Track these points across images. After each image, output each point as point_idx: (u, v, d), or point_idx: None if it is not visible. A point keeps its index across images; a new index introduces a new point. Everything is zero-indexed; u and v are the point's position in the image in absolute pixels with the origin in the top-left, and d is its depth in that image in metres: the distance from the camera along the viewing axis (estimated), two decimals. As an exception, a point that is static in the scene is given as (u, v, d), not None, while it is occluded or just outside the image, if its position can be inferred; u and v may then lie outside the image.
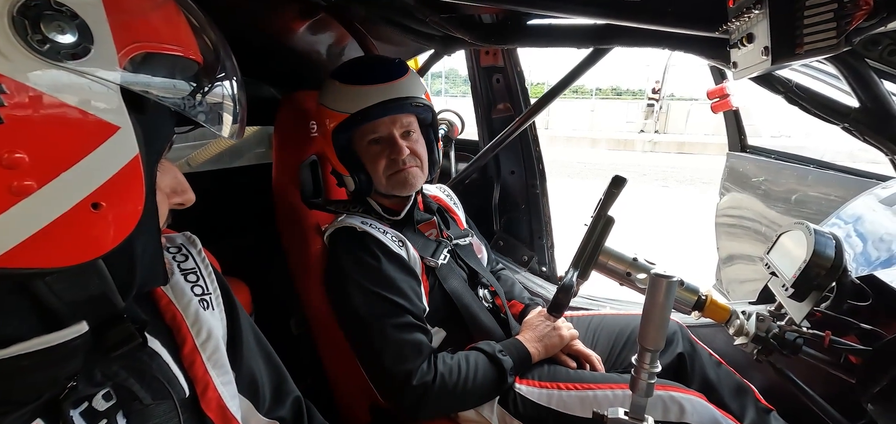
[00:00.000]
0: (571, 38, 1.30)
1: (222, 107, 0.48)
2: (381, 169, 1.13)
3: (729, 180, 2.46)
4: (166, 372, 0.53)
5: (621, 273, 1.03)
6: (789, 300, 0.89)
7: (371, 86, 1.08)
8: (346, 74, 1.12)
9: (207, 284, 0.61)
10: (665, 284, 0.73)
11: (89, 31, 0.36)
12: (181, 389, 0.54)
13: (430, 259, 1.16)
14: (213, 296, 0.61)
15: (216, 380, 0.56)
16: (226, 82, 0.49)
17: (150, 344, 0.53)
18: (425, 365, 1.01)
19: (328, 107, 1.11)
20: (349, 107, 1.08)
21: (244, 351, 0.63)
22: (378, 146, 1.12)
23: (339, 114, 1.09)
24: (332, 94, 1.12)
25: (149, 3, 0.43)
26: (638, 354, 0.79)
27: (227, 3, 1.04)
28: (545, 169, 1.90)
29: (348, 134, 1.11)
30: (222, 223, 1.40)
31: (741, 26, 0.73)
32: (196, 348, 0.56)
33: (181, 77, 0.43)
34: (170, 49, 0.43)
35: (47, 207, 0.35)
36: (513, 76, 1.78)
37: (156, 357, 0.53)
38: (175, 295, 0.58)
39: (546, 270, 1.92)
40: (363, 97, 1.08)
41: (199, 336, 0.57)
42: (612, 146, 12.84)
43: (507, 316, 1.26)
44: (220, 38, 0.50)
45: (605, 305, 1.65)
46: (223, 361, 0.58)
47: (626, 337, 1.30)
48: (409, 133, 1.14)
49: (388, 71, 1.11)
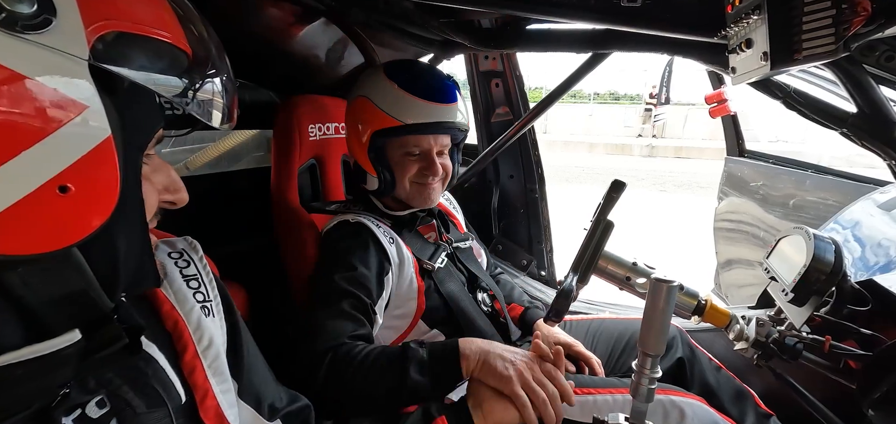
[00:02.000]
0: (570, 43, 1.31)
1: (212, 103, 0.47)
2: (410, 178, 1.13)
3: (727, 185, 2.47)
4: (162, 379, 0.52)
5: (621, 277, 1.03)
6: (789, 305, 0.89)
7: (431, 104, 1.08)
8: (407, 81, 1.10)
9: (208, 291, 0.61)
10: (666, 289, 0.73)
11: (51, 3, 0.35)
12: (177, 396, 0.53)
13: (428, 261, 1.15)
14: (213, 303, 0.61)
15: (215, 388, 0.56)
16: (216, 77, 0.47)
17: (147, 349, 0.52)
18: (342, 344, 0.89)
19: (378, 106, 1.09)
20: (403, 116, 1.07)
21: (246, 358, 0.63)
22: (413, 157, 1.12)
23: (390, 118, 1.07)
24: (387, 96, 1.09)
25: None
26: (638, 359, 0.78)
27: (226, 7, 1.04)
28: (544, 173, 1.90)
29: (389, 138, 1.10)
30: (220, 226, 1.40)
31: (740, 32, 0.73)
32: (197, 355, 0.55)
33: (165, 64, 0.42)
34: (149, 32, 0.41)
35: (9, 187, 0.34)
36: (512, 81, 1.79)
37: (152, 363, 0.52)
38: (177, 302, 0.57)
39: (545, 274, 1.92)
40: (420, 111, 1.07)
41: (200, 343, 0.56)
42: (610, 150, 12.88)
43: (506, 320, 1.26)
44: (210, 31, 0.49)
45: (605, 309, 1.65)
46: (223, 369, 0.58)
47: (626, 341, 1.30)
48: (443, 150, 1.15)
49: (446, 91, 1.11)
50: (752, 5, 0.67)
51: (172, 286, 0.58)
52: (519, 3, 1.00)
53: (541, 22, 1.33)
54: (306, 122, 1.29)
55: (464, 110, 1.16)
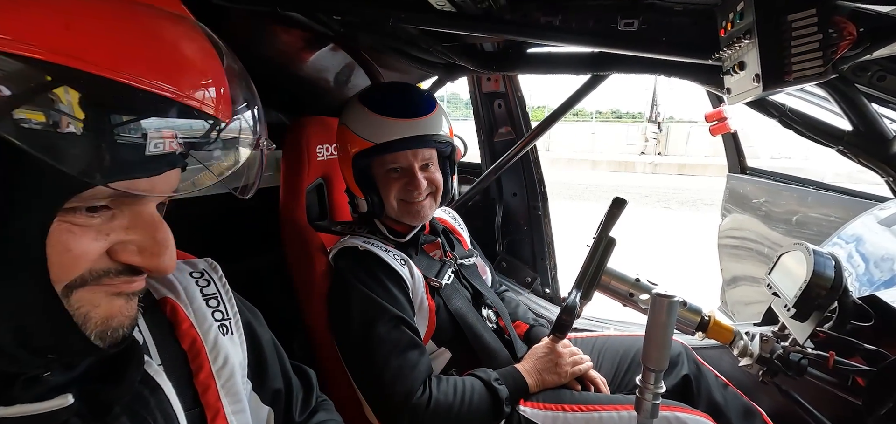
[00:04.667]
0: (570, 66, 1.34)
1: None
2: (395, 197, 1.14)
3: (730, 202, 2.48)
4: (165, 409, 0.51)
5: (624, 293, 1.04)
6: (792, 320, 0.90)
7: (399, 121, 1.10)
8: (376, 102, 1.13)
9: (227, 309, 0.61)
10: (667, 304, 0.74)
11: None
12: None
13: (435, 279, 1.17)
14: (232, 321, 0.61)
15: (227, 408, 0.56)
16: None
17: (155, 377, 0.51)
18: (421, 388, 1.01)
19: (353, 131, 1.13)
20: (375, 137, 1.09)
21: (269, 371, 0.64)
22: (396, 174, 1.14)
23: (363, 140, 1.10)
24: (359, 120, 1.13)
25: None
26: (642, 375, 0.79)
27: (239, 33, 1.08)
28: (547, 190, 1.92)
29: (369, 159, 1.13)
30: (231, 243, 1.42)
31: (733, 54, 0.76)
32: (212, 374, 0.56)
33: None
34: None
35: None
36: (514, 101, 1.83)
37: (157, 392, 0.51)
38: (196, 320, 0.58)
39: (549, 291, 1.93)
40: (390, 129, 1.09)
41: (216, 362, 0.57)
42: (613, 168, 12.92)
43: (512, 337, 1.26)
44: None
45: (609, 326, 1.65)
46: (236, 389, 0.58)
47: (631, 358, 1.30)
48: (428, 164, 1.16)
49: (418, 106, 1.13)
50: (744, 29, 0.70)
51: (192, 304, 0.59)
52: (519, 28, 1.03)
53: (541, 46, 1.37)
54: (314, 143, 1.32)
55: (445, 123, 1.17)
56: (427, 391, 1.01)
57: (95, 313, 0.41)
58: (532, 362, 1.15)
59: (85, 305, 0.40)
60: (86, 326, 0.41)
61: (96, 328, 0.41)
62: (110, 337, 0.42)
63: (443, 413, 1.00)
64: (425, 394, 1.00)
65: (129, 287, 0.44)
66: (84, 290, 0.40)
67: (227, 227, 1.43)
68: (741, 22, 0.70)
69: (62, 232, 0.38)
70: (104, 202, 0.40)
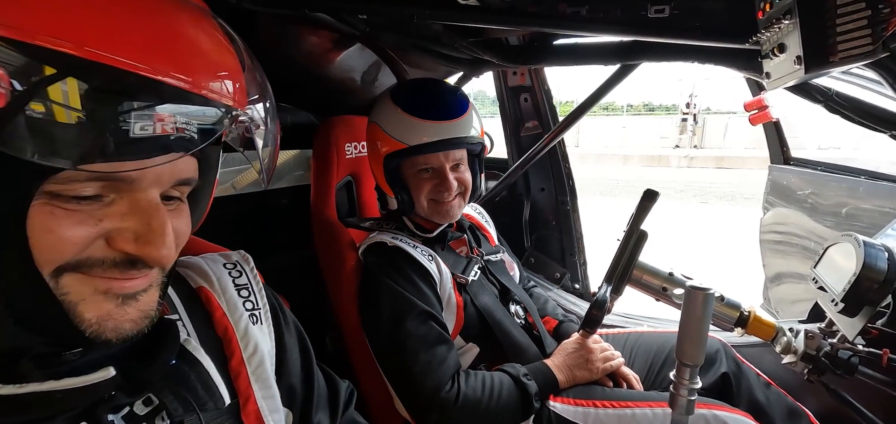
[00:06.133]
0: (598, 56, 1.32)
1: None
2: (426, 197, 1.15)
3: (772, 195, 2.36)
4: (206, 381, 0.53)
5: (657, 288, 1.01)
6: (840, 315, 0.85)
7: (433, 122, 1.10)
8: (409, 103, 1.12)
9: (258, 300, 0.63)
10: (701, 296, 0.72)
11: None
12: (221, 398, 0.54)
13: (461, 275, 1.17)
14: (262, 312, 0.63)
15: (258, 394, 0.57)
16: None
17: (195, 353, 0.54)
18: (449, 382, 1.01)
19: (385, 131, 1.13)
20: (408, 139, 1.10)
21: (288, 366, 0.65)
22: (427, 174, 1.14)
23: (395, 141, 1.11)
24: (391, 120, 1.13)
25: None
26: (676, 370, 0.77)
27: (269, 37, 1.12)
28: (575, 185, 1.89)
29: (400, 160, 1.13)
30: (264, 241, 1.48)
31: (772, 37, 0.72)
32: (243, 361, 0.58)
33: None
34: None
35: None
36: (540, 95, 1.81)
37: (197, 366, 0.53)
38: (228, 309, 0.60)
39: (579, 287, 1.89)
40: (423, 131, 1.09)
41: (246, 349, 0.58)
42: (646, 162, 12.53)
43: (541, 333, 1.25)
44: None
45: (643, 322, 1.61)
46: (266, 375, 0.59)
47: (665, 355, 1.26)
48: (458, 164, 1.16)
49: (451, 108, 1.12)
50: (783, 9, 0.66)
51: (225, 294, 0.61)
52: (544, 20, 1.02)
53: (568, 37, 1.35)
54: (343, 142, 1.35)
55: (477, 122, 1.17)
56: (455, 385, 1.01)
57: (85, 309, 0.40)
58: (562, 357, 1.14)
59: (72, 293, 0.39)
60: (77, 319, 0.40)
61: (90, 327, 0.41)
62: (107, 339, 0.42)
63: (471, 407, 1.00)
64: (454, 389, 1.01)
65: (122, 286, 0.42)
66: (72, 277, 0.39)
67: (263, 225, 1.49)
68: (780, 2, 0.67)
69: (44, 215, 0.37)
70: (91, 191, 0.38)
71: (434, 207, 1.16)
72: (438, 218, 1.19)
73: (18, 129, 0.32)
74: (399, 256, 1.11)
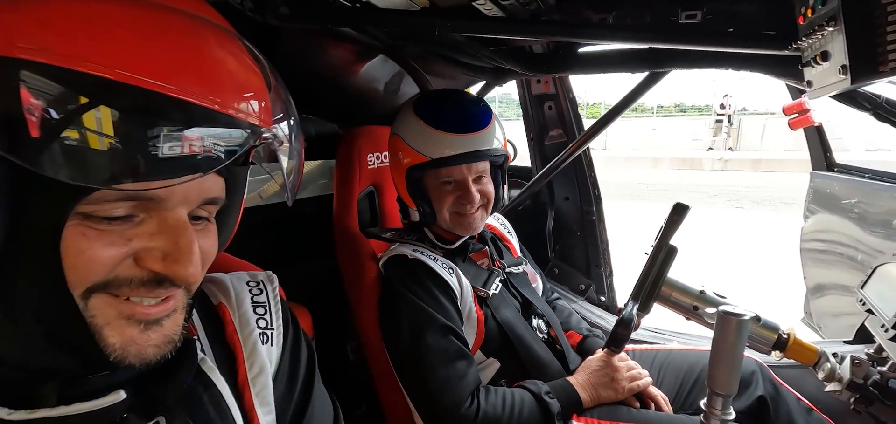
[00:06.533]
0: (625, 64, 1.28)
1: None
2: (448, 209, 1.14)
3: (814, 202, 2.22)
4: (218, 403, 0.53)
5: (687, 306, 0.97)
6: (891, 343, 0.78)
7: (455, 135, 1.09)
8: (431, 115, 1.12)
9: (273, 319, 0.62)
10: (736, 323, 0.68)
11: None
12: (233, 422, 0.53)
13: (482, 289, 1.16)
14: (274, 332, 0.61)
15: (260, 416, 0.57)
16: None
17: (209, 373, 0.53)
18: (469, 399, 0.99)
19: (407, 144, 1.13)
20: (431, 152, 1.09)
21: (295, 395, 0.63)
22: (449, 187, 1.13)
23: (418, 154, 1.11)
24: (414, 132, 1.12)
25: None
26: (707, 398, 0.73)
27: (294, 50, 1.13)
28: (601, 194, 1.84)
29: (422, 172, 1.13)
30: (289, 250, 1.50)
31: (814, 44, 0.68)
32: (247, 381, 0.57)
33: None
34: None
35: None
36: (565, 102, 1.77)
37: (211, 387, 0.52)
38: (240, 325, 0.59)
39: (605, 300, 1.84)
40: (445, 144, 1.09)
41: (252, 369, 0.57)
42: (677, 165, 12.13)
43: (564, 348, 1.22)
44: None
45: (672, 339, 1.54)
46: (269, 399, 0.58)
47: (697, 374, 1.21)
48: (481, 176, 1.15)
49: (474, 120, 1.12)
50: (827, 15, 0.62)
51: (239, 309, 0.60)
52: (569, 28, 1.00)
53: (593, 45, 1.31)
54: (365, 152, 1.36)
55: (499, 133, 1.16)
56: (475, 402, 1.00)
57: (110, 333, 0.41)
58: (586, 375, 1.11)
59: (98, 316, 0.40)
60: (103, 343, 0.41)
61: (114, 352, 0.41)
62: (130, 363, 0.42)
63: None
64: (473, 405, 0.99)
65: (146, 312, 0.42)
66: (99, 299, 0.40)
67: (287, 234, 1.51)
68: (823, 8, 0.62)
69: (77, 236, 0.38)
70: (122, 211, 0.39)
71: (456, 219, 1.15)
72: (460, 231, 1.17)
73: (54, 153, 0.33)
74: (419, 269, 1.11)
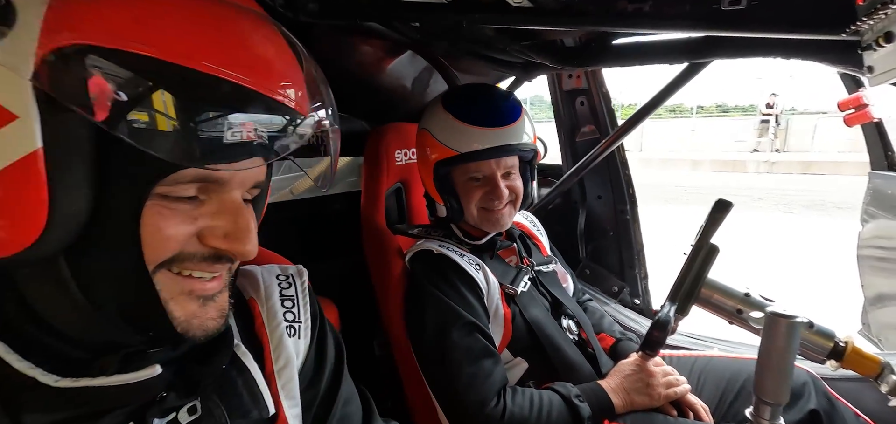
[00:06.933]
0: (663, 55, 1.22)
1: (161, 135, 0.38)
2: (476, 204, 1.13)
3: (874, 204, 2.05)
4: (252, 389, 0.54)
5: (730, 309, 0.91)
6: (968, 354, 0.70)
7: (485, 129, 1.07)
8: (460, 109, 1.10)
9: (300, 313, 0.63)
10: (786, 325, 0.63)
11: (13, 12, 0.34)
12: (266, 408, 0.55)
13: (510, 286, 1.13)
14: (302, 326, 0.62)
15: (287, 412, 0.57)
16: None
17: (242, 358, 0.55)
18: (495, 398, 0.97)
19: (435, 138, 1.11)
20: (459, 146, 1.08)
21: (321, 387, 0.63)
22: (477, 182, 1.12)
23: (446, 148, 1.09)
24: (442, 126, 1.11)
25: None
26: (754, 407, 0.68)
27: (323, 46, 1.15)
28: (635, 193, 1.77)
29: (450, 167, 1.12)
30: (319, 245, 1.53)
31: (875, 25, 0.62)
32: (273, 373, 0.58)
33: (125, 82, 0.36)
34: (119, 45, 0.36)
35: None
36: (598, 98, 1.71)
37: (245, 372, 0.54)
38: (267, 317, 0.60)
39: (639, 303, 1.77)
40: (474, 138, 1.07)
41: (278, 362, 0.58)
42: (718, 167, 11.58)
43: (595, 350, 1.18)
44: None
45: (713, 345, 1.46)
46: (295, 392, 0.59)
47: (740, 384, 1.13)
48: (510, 172, 1.13)
49: (503, 113, 1.10)
50: (893, -9, 0.56)
51: (267, 302, 0.62)
52: (603, 19, 0.95)
53: (629, 35, 1.26)
54: (393, 148, 1.36)
55: (529, 128, 1.13)
56: (501, 402, 0.98)
57: (174, 307, 0.44)
58: (619, 379, 1.06)
59: (164, 291, 0.43)
60: (169, 315, 0.44)
61: (180, 325, 0.45)
62: (194, 336, 0.46)
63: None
64: (499, 405, 0.97)
65: (203, 288, 0.46)
66: (166, 275, 0.43)
67: (317, 230, 1.54)
68: (889, -18, 0.57)
69: (154, 215, 0.41)
70: (192, 192, 0.43)
71: (484, 215, 1.13)
72: (488, 227, 1.16)
73: (162, 136, 0.38)
74: (445, 264, 1.10)
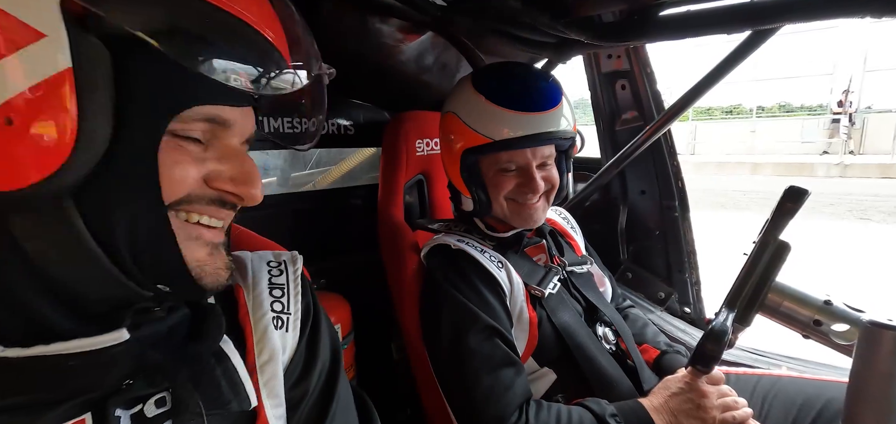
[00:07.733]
0: (719, 24, 1.05)
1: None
2: (506, 197, 1.02)
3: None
4: (232, 378, 0.50)
5: (804, 320, 0.74)
6: None
7: (526, 114, 0.95)
8: (494, 91, 0.98)
9: (289, 304, 0.59)
10: (892, 340, 0.47)
11: None
12: (247, 399, 0.50)
13: (537, 287, 1.01)
14: (291, 318, 0.58)
15: (268, 410, 0.52)
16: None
17: (223, 346, 0.50)
18: (516, 413, 0.85)
19: (465, 123, 1.00)
20: (492, 133, 0.96)
21: (310, 387, 0.58)
22: (509, 172, 1.01)
23: (478, 135, 0.97)
24: (473, 110, 0.99)
25: None
26: (843, 443, 0.52)
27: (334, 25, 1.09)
28: (685, 187, 1.57)
29: (480, 155, 1.01)
30: (338, 239, 1.48)
31: None
32: (256, 367, 0.53)
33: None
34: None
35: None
36: (641, 79, 1.53)
37: (224, 361, 0.50)
38: (252, 307, 0.56)
39: (690, 312, 1.57)
40: (510, 124, 0.95)
41: (260, 355, 0.54)
42: (782, 171, 10.69)
43: (636, 364, 1.03)
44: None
45: (780, 363, 1.26)
46: (278, 390, 0.54)
47: (817, 411, 0.95)
48: (545, 163, 1.02)
49: (543, 97, 0.98)
50: None
51: (254, 289, 0.58)
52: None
53: (678, 5, 1.11)
54: (413, 138, 1.29)
55: (569, 113, 1.00)
56: (523, 417, 0.86)
57: (185, 250, 0.44)
58: (664, 398, 0.91)
59: (176, 232, 0.43)
60: (184, 257, 0.44)
61: (194, 269, 0.44)
62: (207, 285, 0.46)
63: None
64: (521, 420, 0.85)
65: (209, 233, 0.46)
66: (175, 218, 0.43)
67: (336, 223, 1.49)
68: None
69: (171, 150, 0.41)
70: (199, 133, 0.43)
71: (515, 209, 1.02)
72: (518, 222, 1.04)
73: (181, 71, 0.38)
74: (463, 260, 0.99)
